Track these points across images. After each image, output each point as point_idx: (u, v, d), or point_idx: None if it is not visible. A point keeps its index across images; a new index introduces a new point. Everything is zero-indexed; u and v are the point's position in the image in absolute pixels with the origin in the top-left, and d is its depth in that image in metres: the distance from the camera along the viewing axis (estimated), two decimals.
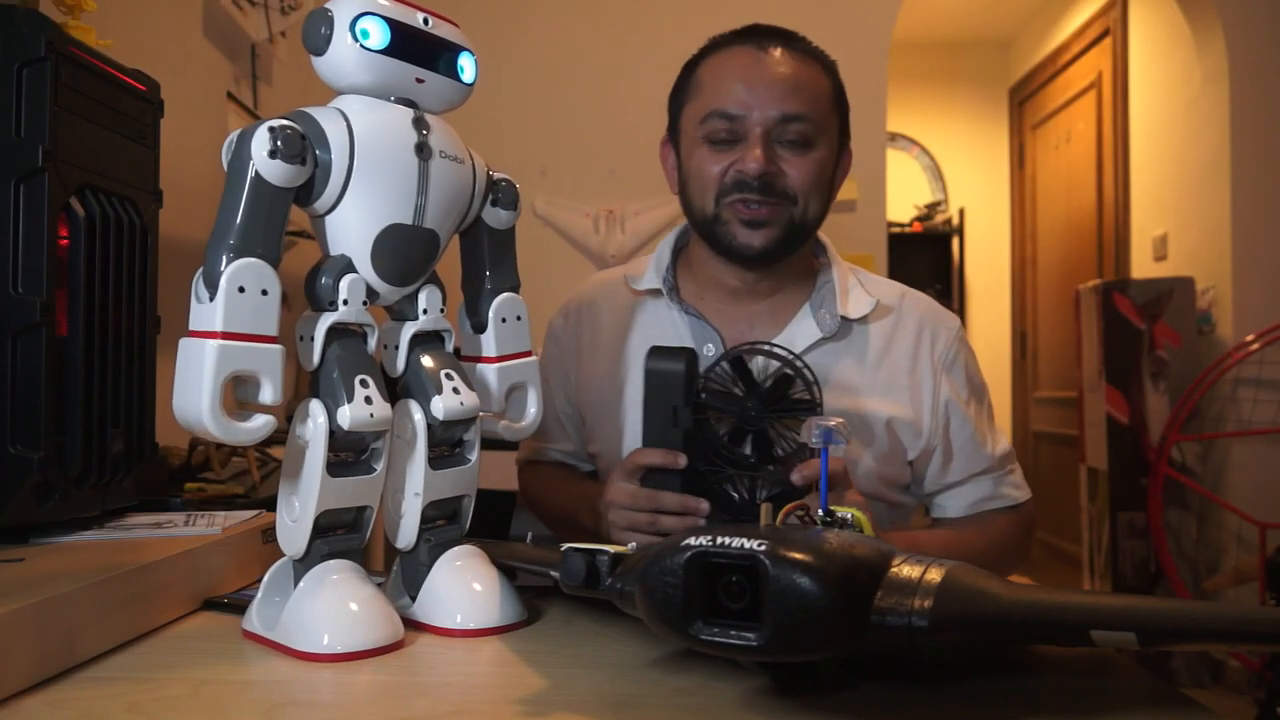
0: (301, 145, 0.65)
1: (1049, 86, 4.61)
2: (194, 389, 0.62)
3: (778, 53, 1.06)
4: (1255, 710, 2.38)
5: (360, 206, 0.69)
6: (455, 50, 0.73)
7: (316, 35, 0.68)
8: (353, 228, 0.69)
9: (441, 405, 0.72)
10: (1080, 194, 4.24)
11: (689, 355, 0.90)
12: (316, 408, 0.68)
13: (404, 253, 0.71)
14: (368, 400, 0.68)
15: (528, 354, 0.83)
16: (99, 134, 0.88)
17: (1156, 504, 2.95)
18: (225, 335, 0.63)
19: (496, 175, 0.79)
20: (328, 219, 0.70)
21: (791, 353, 0.90)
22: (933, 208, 5.17)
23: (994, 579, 0.55)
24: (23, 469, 0.78)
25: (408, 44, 0.69)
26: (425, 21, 0.71)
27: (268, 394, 0.65)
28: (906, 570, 0.55)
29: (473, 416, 0.75)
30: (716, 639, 0.54)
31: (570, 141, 3.23)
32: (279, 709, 0.57)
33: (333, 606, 0.67)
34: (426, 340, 0.76)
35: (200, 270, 0.65)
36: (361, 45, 0.67)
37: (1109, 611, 0.51)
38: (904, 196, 5.04)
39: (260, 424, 0.65)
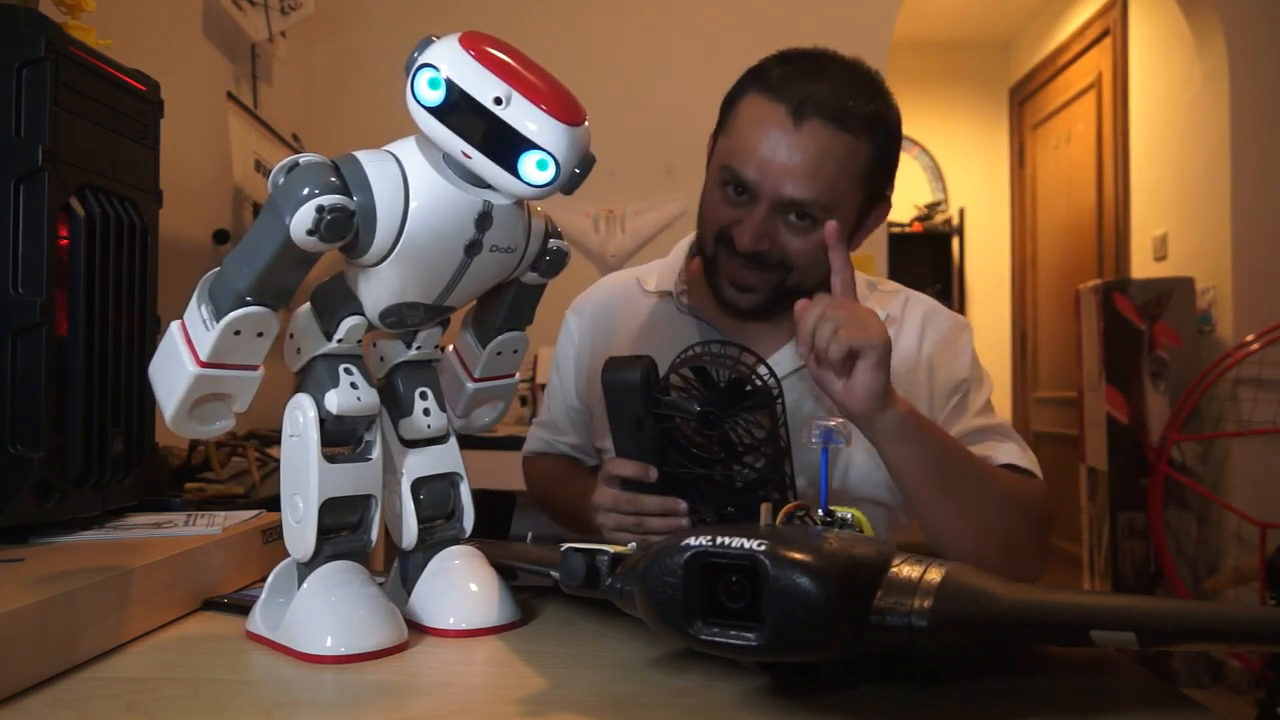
0: (346, 228, 0.62)
1: (1049, 86, 4.61)
2: (167, 393, 0.66)
3: (810, 127, 0.98)
4: (1255, 710, 2.38)
5: (388, 279, 0.67)
6: (524, 145, 0.61)
7: (408, 61, 0.62)
8: (374, 290, 0.68)
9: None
10: (1080, 194, 4.24)
11: (645, 364, 0.89)
12: (304, 400, 0.69)
13: (413, 320, 0.72)
14: (353, 386, 0.69)
15: (509, 375, 0.83)
16: (99, 134, 0.88)
17: (1156, 504, 2.95)
18: (209, 364, 0.64)
19: (552, 245, 0.74)
20: (358, 269, 0.69)
21: (741, 346, 0.88)
22: (933, 208, 5.18)
23: (994, 579, 0.55)
24: (23, 469, 0.78)
25: (461, 116, 0.61)
26: (498, 100, 0.61)
27: (236, 405, 0.68)
28: (906, 570, 0.55)
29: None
30: (716, 639, 0.54)
31: None
32: (279, 709, 0.57)
33: (336, 609, 0.67)
34: (415, 364, 0.77)
35: (215, 276, 0.65)
36: (415, 96, 0.61)
37: (1109, 611, 0.51)
38: (904, 196, 5.04)
39: (218, 426, 0.68)
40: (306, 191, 0.60)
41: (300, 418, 0.68)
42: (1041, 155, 4.71)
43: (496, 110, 0.60)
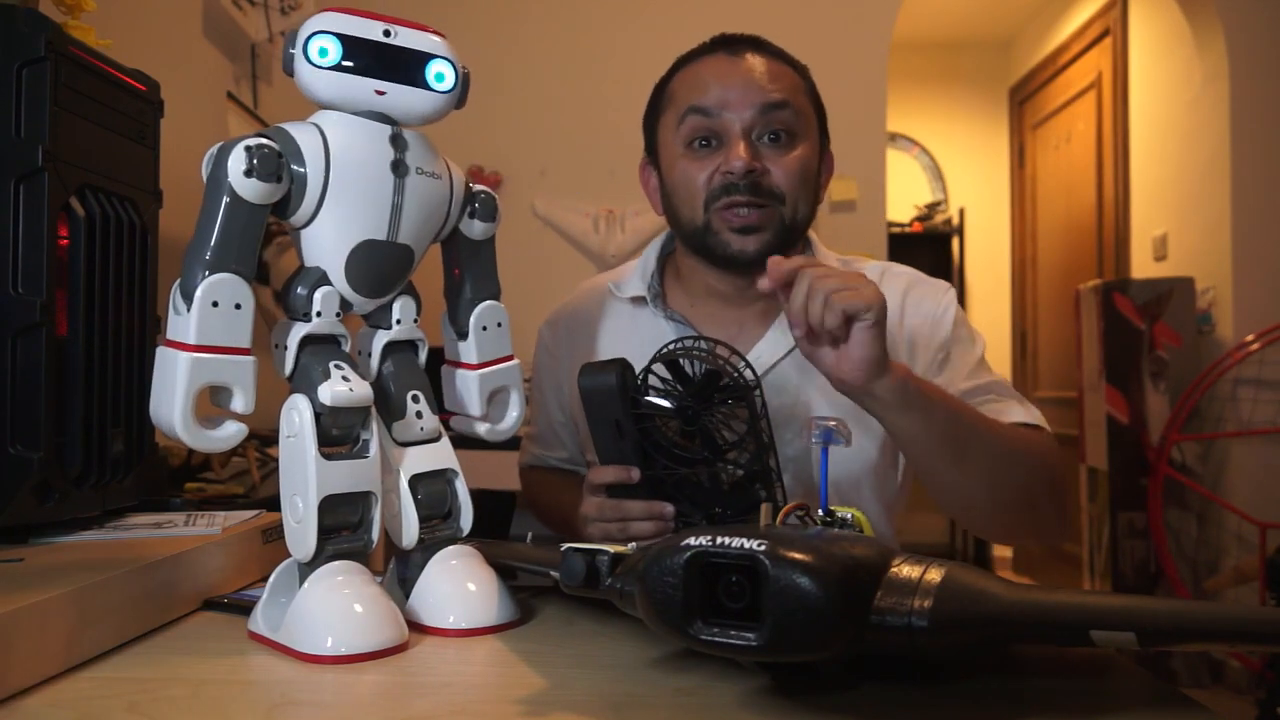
0: (277, 164, 0.66)
1: (1049, 86, 4.61)
2: (167, 398, 0.65)
3: (749, 55, 1.05)
4: (1255, 710, 2.38)
5: (335, 222, 0.70)
6: (424, 59, 0.72)
7: (286, 58, 0.69)
8: (327, 242, 0.70)
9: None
10: (1080, 194, 4.24)
11: (620, 366, 0.88)
12: (299, 400, 0.69)
13: (377, 267, 0.73)
14: (345, 379, 0.70)
15: (509, 358, 0.84)
16: (99, 134, 0.88)
17: (1156, 504, 2.95)
18: (198, 348, 0.65)
19: (476, 188, 0.80)
20: (304, 231, 0.71)
21: (714, 340, 0.88)
22: (933, 208, 5.17)
23: (994, 579, 0.55)
24: (23, 469, 0.78)
25: (363, 58, 0.69)
26: (386, 33, 0.70)
27: (239, 403, 0.68)
28: (906, 570, 0.55)
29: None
30: (716, 639, 0.54)
31: (570, 141, 3.23)
32: (279, 709, 0.57)
33: (337, 608, 0.67)
34: (399, 349, 0.78)
35: (178, 281, 0.67)
36: (315, 64, 0.68)
37: (1109, 611, 0.51)
38: (904, 196, 5.03)
39: (231, 433, 0.68)
40: (232, 145, 0.66)
41: (296, 418, 0.69)
42: (1041, 155, 4.71)
43: (389, 41, 0.70)
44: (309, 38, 0.68)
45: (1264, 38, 3.13)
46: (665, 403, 0.87)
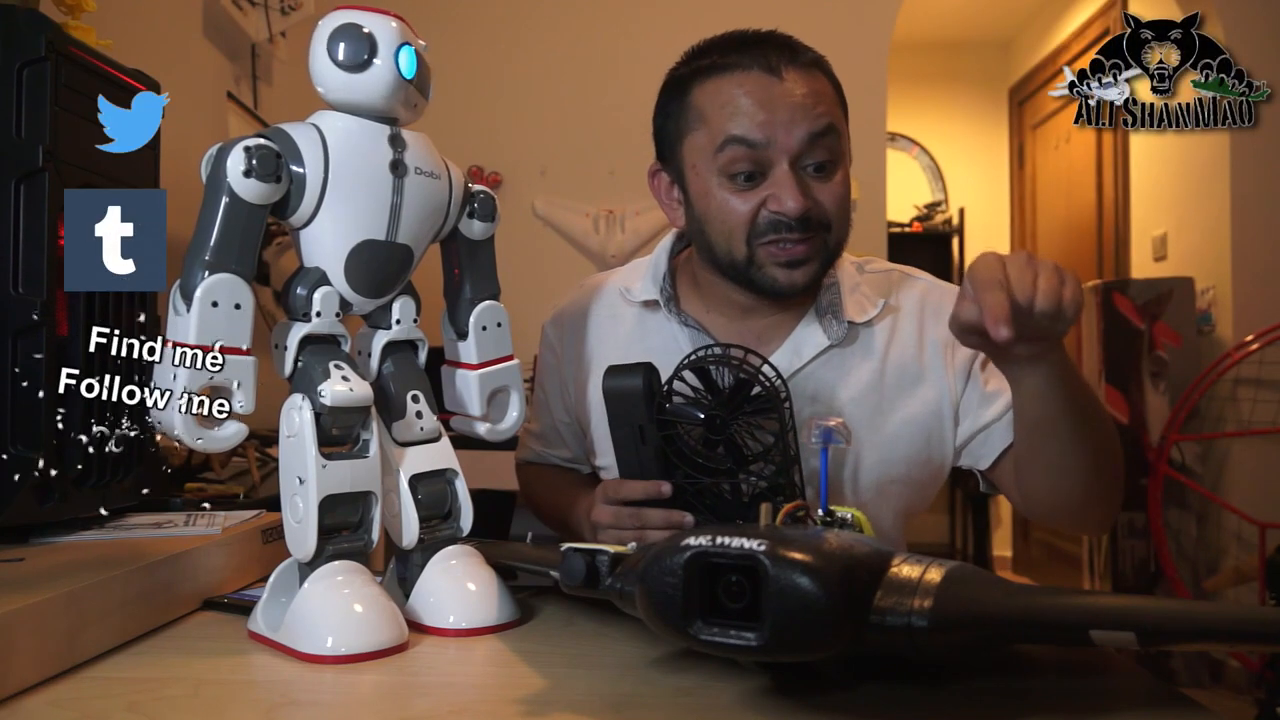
0: (276, 164, 0.67)
1: (1049, 86, 4.61)
2: (169, 401, 0.66)
3: (787, 73, 0.97)
4: (1255, 710, 2.38)
5: (334, 222, 0.70)
6: (428, 72, 0.75)
7: (356, 53, 0.69)
8: (327, 242, 0.71)
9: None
10: (1080, 194, 4.24)
11: (646, 370, 0.87)
12: (299, 400, 0.70)
13: (377, 267, 0.73)
14: (345, 379, 0.70)
15: (509, 358, 0.84)
16: (99, 134, 0.87)
17: (1156, 504, 2.95)
18: (198, 348, 0.65)
19: (475, 188, 0.80)
20: (303, 232, 0.71)
21: (745, 349, 0.87)
22: (933, 208, 5.17)
23: (993, 580, 0.55)
24: (23, 469, 0.78)
25: (418, 71, 0.72)
26: (423, 48, 0.74)
27: (239, 401, 0.68)
28: (906, 570, 0.55)
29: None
30: (716, 639, 0.54)
31: (570, 141, 3.23)
32: (279, 709, 0.57)
33: (337, 608, 0.67)
34: (399, 349, 0.78)
35: (178, 281, 0.67)
36: (401, 75, 0.70)
37: (1109, 611, 0.51)
38: (904, 196, 5.03)
39: (231, 432, 0.68)
40: (231, 146, 0.66)
41: (296, 418, 0.69)
42: (1041, 155, 4.71)
43: (422, 54, 0.73)
44: (400, 48, 0.70)
45: (1264, 37, 3.13)
46: (692, 411, 0.86)
